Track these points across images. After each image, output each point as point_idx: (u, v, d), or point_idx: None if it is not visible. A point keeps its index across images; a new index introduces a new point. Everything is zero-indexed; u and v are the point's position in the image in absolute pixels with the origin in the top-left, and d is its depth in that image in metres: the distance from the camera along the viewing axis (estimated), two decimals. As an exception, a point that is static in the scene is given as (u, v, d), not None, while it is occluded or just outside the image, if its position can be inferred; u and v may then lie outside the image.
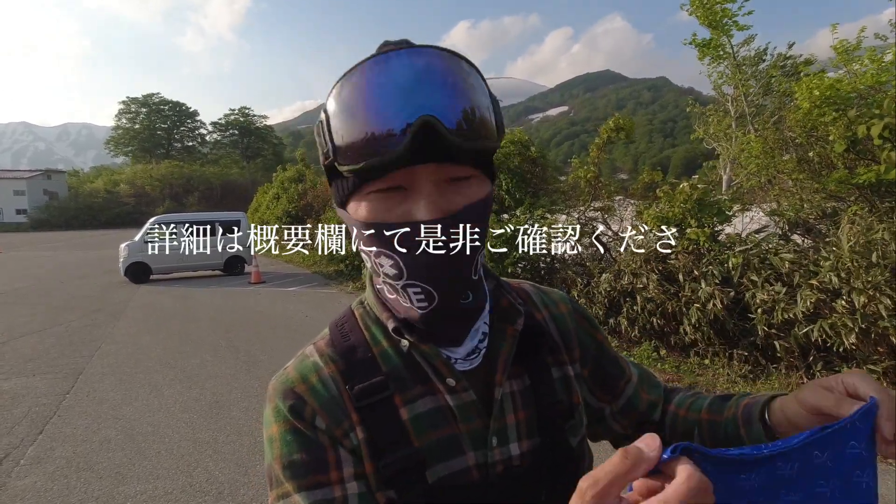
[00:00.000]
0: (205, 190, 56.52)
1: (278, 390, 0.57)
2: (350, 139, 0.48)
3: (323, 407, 0.55)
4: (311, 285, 11.45)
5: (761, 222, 5.37)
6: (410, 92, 0.46)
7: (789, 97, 8.71)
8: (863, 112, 4.47)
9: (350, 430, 0.55)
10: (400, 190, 0.50)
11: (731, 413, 0.62)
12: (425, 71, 0.47)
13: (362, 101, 0.47)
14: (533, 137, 9.99)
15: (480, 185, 0.53)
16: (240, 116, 77.34)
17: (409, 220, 0.50)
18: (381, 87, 0.47)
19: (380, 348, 0.59)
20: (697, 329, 4.66)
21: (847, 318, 3.65)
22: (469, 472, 0.56)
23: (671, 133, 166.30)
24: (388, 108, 0.46)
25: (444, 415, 0.57)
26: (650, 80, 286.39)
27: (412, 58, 0.47)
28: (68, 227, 51.72)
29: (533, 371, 0.62)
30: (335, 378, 0.57)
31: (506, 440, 0.58)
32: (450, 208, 0.50)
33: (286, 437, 0.54)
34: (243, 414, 4.12)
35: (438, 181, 0.50)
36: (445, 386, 0.57)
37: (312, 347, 0.61)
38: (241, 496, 2.93)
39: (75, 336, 6.88)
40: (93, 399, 4.53)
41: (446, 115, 0.46)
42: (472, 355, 0.59)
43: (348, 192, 0.53)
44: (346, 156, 0.49)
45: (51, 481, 3.14)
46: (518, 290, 0.70)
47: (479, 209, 0.52)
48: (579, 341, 0.69)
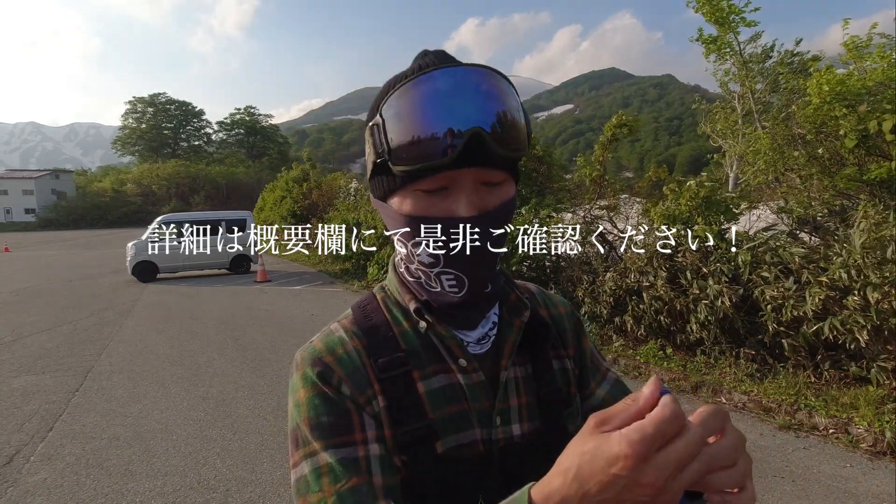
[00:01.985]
0: (210, 189, 56.73)
1: (306, 359, 0.62)
2: (406, 143, 0.54)
3: (349, 376, 0.60)
4: (317, 284, 11.48)
5: (769, 220, 5.32)
6: (462, 105, 0.52)
7: (797, 93, 8.64)
8: (874, 107, 4.42)
9: (373, 399, 0.60)
10: (443, 190, 0.56)
11: None
12: (475, 86, 0.53)
13: (420, 110, 0.53)
14: (538, 136, 9.98)
15: (509, 187, 0.60)
16: (245, 115, 77.60)
17: (450, 215, 0.56)
18: (437, 98, 0.53)
19: (400, 328, 0.65)
20: (705, 327, 4.63)
21: (859, 314, 3.62)
22: (476, 446, 0.62)
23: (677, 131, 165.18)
24: (442, 119, 0.52)
25: (456, 392, 0.62)
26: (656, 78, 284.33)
27: (463, 74, 0.54)
28: (76, 226, 52.12)
29: (535, 360, 0.69)
30: (359, 351, 0.63)
31: (508, 420, 0.64)
32: (485, 206, 0.57)
33: (314, 402, 0.59)
34: (250, 412, 4.14)
35: (477, 182, 0.56)
36: (458, 366, 0.63)
37: (337, 324, 0.67)
38: (248, 493, 2.95)
39: (84, 334, 6.94)
40: (101, 397, 4.57)
41: (493, 126, 0.53)
42: (483, 341, 0.66)
43: (394, 187, 0.58)
44: (401, 157, 0.54)
45: (61, 478, 3.17)
46: (524, 288, 0.77)
47: (508, 208, 0.59)
48: (573, 343, 0.76)
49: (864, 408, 3.47)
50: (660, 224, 5.14)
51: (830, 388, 3.89)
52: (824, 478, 2.95)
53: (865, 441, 3.29)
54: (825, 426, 3.52)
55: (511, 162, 0.58)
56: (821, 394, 3.84)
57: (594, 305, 5.73)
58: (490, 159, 0.54)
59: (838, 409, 3.60)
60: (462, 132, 0.51)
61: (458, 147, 0.51)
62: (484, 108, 0.53)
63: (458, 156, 0.52)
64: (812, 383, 4.00)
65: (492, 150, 0.53)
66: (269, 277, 12.16)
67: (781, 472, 3.03)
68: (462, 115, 0.52)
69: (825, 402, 3.71)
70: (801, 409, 3.70)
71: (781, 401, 3.83)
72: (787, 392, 3.91)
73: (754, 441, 3.42)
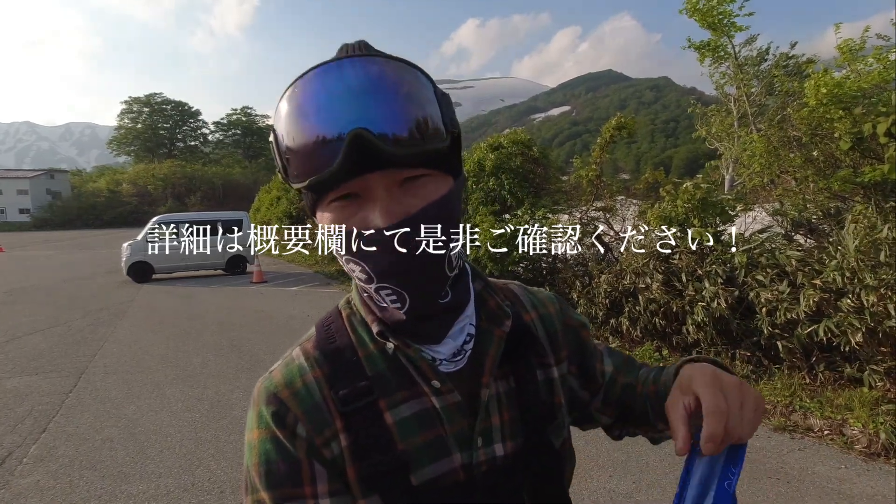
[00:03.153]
0: (207, 189, 56.63)
1: (262, 395, 0.58)
2: (292, 156, 0.49)
3: (306, 413, 0.55)
4: (313, 285, 11.46)
5: (764, 222, 5.34)
6: (342, 105, 0.46)
7: (792, 96, 8.68)
8: (868, 110, 4.44)
9: (332, 439, 0.55)
10: (355, 197, 0.51)
11: (661, 384, 0.66)
12: (356, 82, 0.47)
13: (299, 119, 0.48)
14: (535, 137, 9.97)
15: (438, 183, 0.53)
16: (242, 116, 77.45)
17: (368, 226, 0.50)
18: (314, 102, 0.47)
19: (365, 351, 0.59)
20: (701, 328, 4.65)
21: (853, 317, 3.64)
22: (455, 473, 0.57)
23: (673, 133, 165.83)
24: (320, 124, 0.47)
25: (430, 417, 0.57)
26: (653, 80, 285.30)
27: (343, 70, 0.47)
28: (71, 226, 51.88)
29: (518, 373, 0.63)
30: (320, 382, 0.57)
31: (490, 441, 0.59)
32: (406, 211, 0.50)
33: (266, 446, 0.55)
34: (245, 413, 4.11)
35: (389, 186, 0.50)
36: (431, 388, 0.57)
37: (299, 349, 0.61)
38: (242, 495, 2.93)
39: (78, 335, 6.89)
40: (95, 398, 4.54)
41: (378, 124, 0.46)
42: (458, 357, 0.59)
43: (313, 202, 0.54)
44: (294, 174, 0.50)
45: (53, 480, 3.14)
46: (505, 290, 0.71)
47: (439, 208, 0.52)
48: (566, 340, 0.71)
49: (858, 409, 3.49)
50: (656, 226, 5.15)
51: (825, 389, 3.91)
52: (819, 479, 2.96)
53: (860, 442, 3.30)
54: (820, 428, 3.53)
55: (427, 156, 0.50)
56: (816, 395, 3.85)
57: (590, 307, 5.74)
58: (392, 160, 0.47)
59: (833, 410, 3.61)
60: (343, 136, 0.45)
61: (341, 153, 0.45)
62: (367, 104, 0.46)
63: (345, 163, 0.46)
64: (807, 385, 4.02)
65: (382, 150, 0.46)
66: (266, 278, 12.13)
67: (776, 473, 3.03)
68: (343, 117, 0.46)
69: (820, 403, 3.72)
70: (796, 411, 3.72)
71: (776, 402, 3.84)
72: (782, 393, 3.92)
73: (750, 442, 3.42)
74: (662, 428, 0.68)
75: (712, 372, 0.52)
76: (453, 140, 0.53)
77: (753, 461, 3.15)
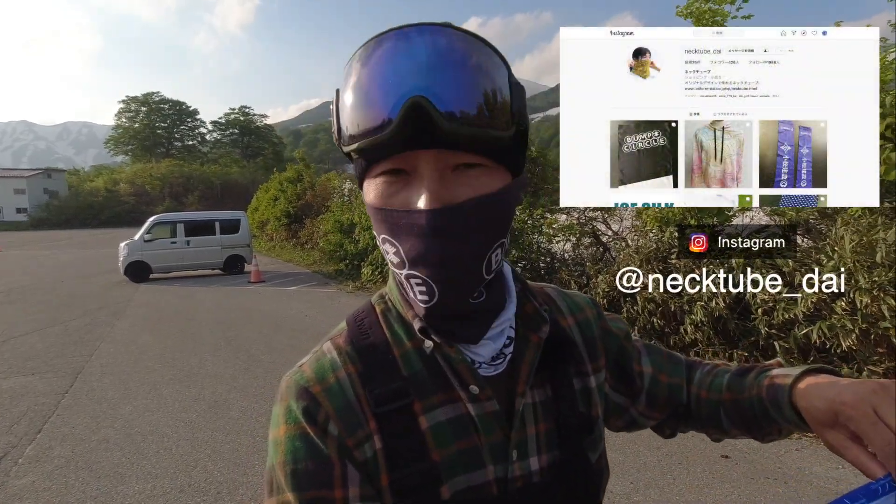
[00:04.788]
0: (205, 189, 56.52)
1: (292, 389, 0.54)
2: (350, 119, 0.48)
3: (338, 412, 0.52)
4: (311, 284, 11.44)
5: (761, 222, 5.36)
6: (408, 72, 0.44)
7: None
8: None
9: (365, 441, 0.52)
10: (403, 174, 0.48)
11: (754, 393, 0.61)
12: (426, 50, 0.44)
13: (362, 81, 0.46)
14: (533, 137, 9.98)
15: (493, 176, 0.49)
16: (240, 115, 77.39)
17: (410, 207, 0.47)
18: (380, 66, 0.45)
19: (402, 349, 0.56)
20: (699, 328, 4.65)
21: (847, 319, 3.64)
22: (489, 487, 0.53)
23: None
24: (382, 89, 0.45)
25: (465, 425, 0.54)
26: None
27: (416, 36, 0.45)
28: (68, 225, 51.74)
29: (555, 381, 0.59)
30: (353, 379, 0.54)
31: (525, 454, 0.55)
32: (453, 198, 0.47)
33: (295, 443, 0.51)
34: (242, 414, 4.11)
35: (441, 167, 0.47)
36: (468, 393, 0.54)
37: (330, 343, 0.58)
38: (239, 496, 2.92)
39: (74, 335, 6.87)
40: (91, 398, 4.52)
41: (442, 97, 0.43)
42: (498, 360, 0.56)
43: (361, 171, 0.52)
44: (347, 135, 0.48)
45: (49, 480, 3.13)
46: (541, 293, 0.67)
47: (489, 202, 0.48)
48: (604, 347, 0.67)
49: (855, 409, 3.49)
50: (653, 226, 5.16)
51: (822, 389, 3.91)
52: (817, 479, 2.96)
53: (857, 443, 3.30)
54: (817, 428, 3.53)
55: (486, 143, 0.47)
56: (813, 395, 3.85)
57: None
58: (449, 138, 0.44)
59: (830, 410, 3.61)
60: (403, 101, 0.43)
61: (397, 120, 0.43)
62: (434, 74, 0.44)
63: (399, 132, 0.44)
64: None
65: (440, 124, 0.43)
66: (264, 278, 12.10)
67: (774, 473, 3.04)
68: (405, 84, 0.43)
69: (817, 403, 3.72)
70: (794, 411, 3.72)
71: (774, 402, 3.84)
72: (779, 394, 3.92)
73: (747, 443, 3.43)
74: (737, 434, 0.66)
75: (858, 400, 0.49)
76: (519, 134, 0.51)
77: (751, 462, 3.16)
